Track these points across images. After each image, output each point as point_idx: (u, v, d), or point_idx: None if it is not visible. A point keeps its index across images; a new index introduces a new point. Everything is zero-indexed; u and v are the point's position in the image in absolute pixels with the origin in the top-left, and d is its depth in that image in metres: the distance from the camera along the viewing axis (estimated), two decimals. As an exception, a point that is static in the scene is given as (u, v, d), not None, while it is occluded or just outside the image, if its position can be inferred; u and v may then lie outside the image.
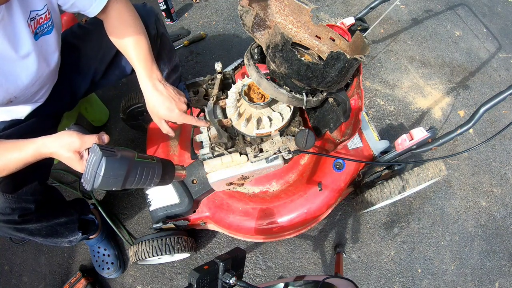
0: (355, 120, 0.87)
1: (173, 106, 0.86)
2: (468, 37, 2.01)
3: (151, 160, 0.72)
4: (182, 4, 2.21)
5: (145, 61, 0.88)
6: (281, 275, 1.30)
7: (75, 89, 1.10)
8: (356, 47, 0.83)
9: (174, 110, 0.86)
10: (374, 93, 1.75)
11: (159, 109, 0.86)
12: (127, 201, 1.48)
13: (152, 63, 0.89)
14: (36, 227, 0.94)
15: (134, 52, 0.88)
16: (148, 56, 0.89)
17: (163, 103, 0.85)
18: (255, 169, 0.88)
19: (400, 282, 1.29)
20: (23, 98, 0.88)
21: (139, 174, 0.67)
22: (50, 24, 0.84)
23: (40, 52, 0.84)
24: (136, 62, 0.88)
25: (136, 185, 0.68)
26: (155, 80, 0.87)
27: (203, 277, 0.51)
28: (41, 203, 0.93)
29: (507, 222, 1.42)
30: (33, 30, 0.79)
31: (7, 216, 0.84)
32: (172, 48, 1.25)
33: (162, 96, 0.85)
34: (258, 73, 0.84)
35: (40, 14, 0.80)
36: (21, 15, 0.75)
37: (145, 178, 0.69)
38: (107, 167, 0.61)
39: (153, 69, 0.89)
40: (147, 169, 0.69)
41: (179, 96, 0.89)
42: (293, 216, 1.06)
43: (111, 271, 1.29)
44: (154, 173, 0.71)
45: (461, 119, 1.68)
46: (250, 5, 0.80)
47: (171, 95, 0.87)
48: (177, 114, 0.87)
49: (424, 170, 1.04)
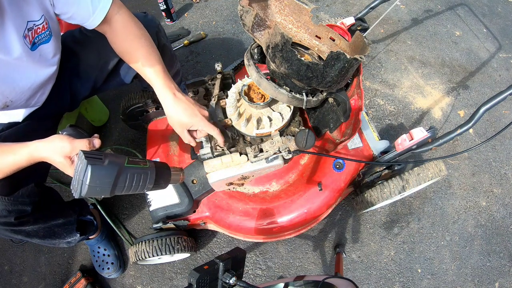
0: (355, 120, 0.87)
1: (196, 111, 0.86)
2: (468, 37, 2.01)
3: (143, 165, 0.68)
4: (182, 4, 2.21)
5: (162, 73, 0.87)
6: (281, 275, 1.30)
7: (75, 92, 1.10)
8: (356, 47, 0.83)
9: (198, 115, 0.86)
10: (374, 93, 1.75)
11: (181, 117, 0.86)
12: (127, 201, 1.48)
13: (167, 74, 0.89)
14: (33, 229, 0.94)
15: (148, 65, 0.87)
16: (162, 68, 0.89)
17: (185, 111, 0.85)
18: (255, 169, 0.88)
19: (400, 282, 1.29)
20: (20, 102, 0.87)
21: (129, 181, 0.65)
22: (48, 34, 0.83)
23: (38, 60, 0.83)
24: (153, 75, 0.87)
25: (127, 191, 0.66)
26: (174, 90, 0.87)
27: (203, 277, 0.51)
28: (38, 205, 0.92)
29: (507, 222, 1.42)
30: (30, 41, 0.78)
31: (3, 218, 0.84)
32: (173, 55, 1.25)
33: (184, 104, 0.85)
34: (258, 73, 0.84)
35: (37, 24, 0.79)
36: (15, 30, 0.74)
37: (136, 184, 0.66)
38: (93, 175, 0.59)
39: (170, 80, 0.88)
40: (138, 175, 0.66)
41: (199, 104, 0.90)
42: (293, 216, 1.06)
43: (111, 271, 1.29)
44: (146, 178, 0.68)
45: (461, 119, 1.68)
46: (250, 5, 0.80)
47: (191, 103, 0.87)
48: (200, 119, 0.86)
49: (424, 170, 1.04)
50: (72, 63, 1.04)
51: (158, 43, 1.08)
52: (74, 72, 1.06)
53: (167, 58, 1.19)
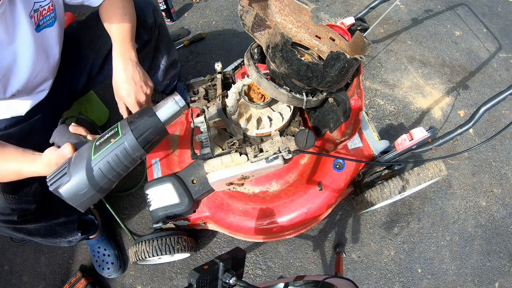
0: (355, 120, 0.87)
1: (131, 92, 0.85)
2: (468, 37, 2.01)
3: (114, 140, 0.59)
4: (182, 4, 2.21)
5: (124, 39, 0.88)
6: (281, 275, 1.30)
7: (75, 84, 1.10)
8: (356, 47, 0.83)
9: (131, 96, 0.86)
10: (374, 93, 1.75)
11: (118, 89, 0.86)
12: (127, 201, 1.48)
13: (130, 43, 0.89)
14: (35, 227, 0.94)
15: (115, 29, 0.88)
16: (127, 35, 0.89)
17: (124, 85, 0.85)
18: (255, 169, 0.88)
19: (400, 282, 1.29)
20: (26, 91, 0.87)
21: (106, 170, 0.58)
22: (53, 16, 0.85)
23: (42, 44, 0.84)
24: (115, 38, 0.88)
25: (116, 178, 0.60)
26: (127, 59, 0.86)
27: (203, 277, 0.51)
28: (42, 204, 0.92)
29: (507, 222, 1.42)
30: (35, 22, 0.80)
31: (6, 216, 0.84)
32: (171, 41, 1.25)
33: (126, 77, 0.85)
34: (258, 73, 0.84)
35: (43, 5, 0.81)
36: (23, 7, 0.76)
37: (118, 165, 0.58)
38: (67, 196, 0.59)
39: (128, 48, 0.88)
40: (113, 157, 0.58)
41: (142, 84, 0.88)
42: (293, 216, 1.06)
43: (111, 271, 1.29)
44: (125, 153, 0.58)
45: (461, 119, 1.68)
46: (250, 5, 0.80)
47: (135, 80, 0.86)
48: (132, 101, 0.86)
49: (424, 170, 1.04)
50: (71, 51, 1.05)
51: (155, 21, 1.09)
52: (73, 61, 1.07)
53: (164, 39, 1.19)
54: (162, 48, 1.20)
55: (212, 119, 0.92)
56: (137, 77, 0.86)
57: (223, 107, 0.93)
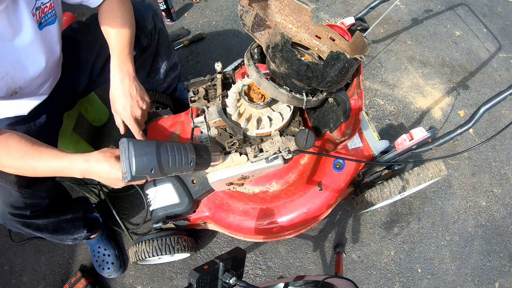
0: (355, 120, 0.87)
1: (127, 106, 0.86)
2: (468, 37, 2.01)
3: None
4: (182, 4, 2.21)
5: (122, 51, 0.87)
6: (281, 275, 1.30)
7: (75, 85, 1.11)
8: (356, 47, 0.83)
9: (127, 110, 0.86)
10: (374, 93, 1.75)
11: (114, 102, 0.87)
12: (127, 201, 1.48)
13: (128, 56, 0.89)
14: (43, 223, 0.94)
15: (114, 41, 0.88)
16: (126, 47, 0.88)
17: (120, 99, 0.85)
18: (255, 169, 0.88)
19: (400, 282, 1.29)
20: (28, 89, 0.87)
21: (171, 151, 0.67)
22: (54, 14, 0.85)
23: (44, 41, 0.84)
24: (113, 50, 0.88)
25: (174, 166, 0.67)
26: (125, 73, 0.87)
27: (203, 277, 0.51)
28: (54, 199, 0.93)
29: (507, 222, 1.42)
30: (37, 20, 0.80)
31: (19, 210, 0.84)
32: (171, 45, 1.25)
33: (123, 91, 0.85)
34: (258, 73, 0.84)
35: (44, 3, 0.81)
36: (26, 4, 0.76)
37: (179, 156, 0.68)
38: (135, 146, 0.63)
39: (126, 61, 0.88)
40: (177, 146, 0.68)
41: (138, 98, 0.88)
42: (293, 216, 1.06)
43: (111, 271, 1.29)
44: (186, 150, 0.69)
45: (461, 119, 1.68)
46: (250, 5, 0.80)
47: (131, 94, 0.86)
48: (127, 116, 0.87)
49: (424, 170, 1.04)
50: (72, 53, 1.05)
51: (154, 27, 1.09)
52: (74, 63, 1.07)
53: (164, 44, 1.19)
54: (162, 52, 1.21)
55: (212, 119, 0.92)
56: (133, 91, 0.87)
57: (223, 107, 0.93)
